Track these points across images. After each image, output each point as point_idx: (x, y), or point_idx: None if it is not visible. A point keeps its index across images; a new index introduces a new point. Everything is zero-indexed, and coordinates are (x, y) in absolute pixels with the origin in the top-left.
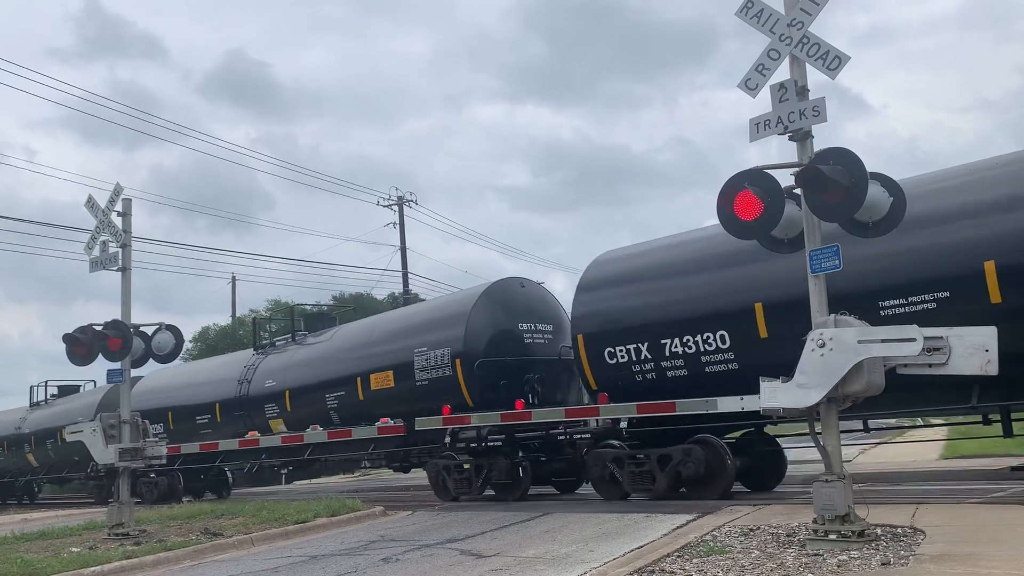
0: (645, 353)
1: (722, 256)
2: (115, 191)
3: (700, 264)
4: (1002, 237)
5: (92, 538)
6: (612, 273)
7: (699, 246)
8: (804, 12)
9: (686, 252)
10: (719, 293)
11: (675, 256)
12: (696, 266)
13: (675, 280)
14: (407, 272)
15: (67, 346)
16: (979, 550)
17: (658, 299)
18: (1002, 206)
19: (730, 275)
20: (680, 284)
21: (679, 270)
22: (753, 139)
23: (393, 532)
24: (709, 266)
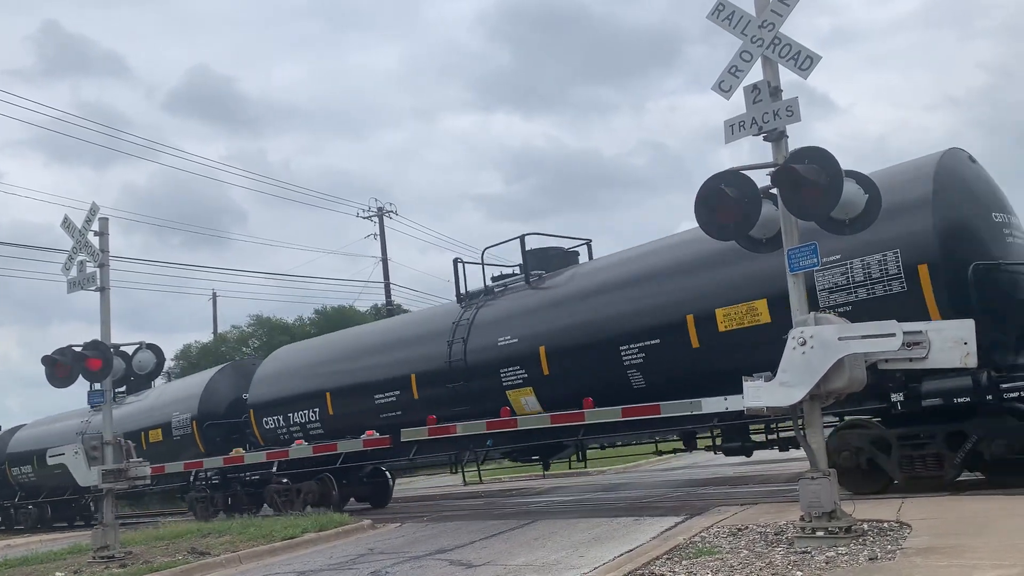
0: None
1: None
2: (91, 210)
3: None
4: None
5: (77, 562)
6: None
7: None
8: (775, 13)
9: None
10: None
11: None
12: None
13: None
14: (389, 283)
15: (47, 368)
16: (965, 542)
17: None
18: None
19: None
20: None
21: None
22: (728, 140)
23: (382, 545)
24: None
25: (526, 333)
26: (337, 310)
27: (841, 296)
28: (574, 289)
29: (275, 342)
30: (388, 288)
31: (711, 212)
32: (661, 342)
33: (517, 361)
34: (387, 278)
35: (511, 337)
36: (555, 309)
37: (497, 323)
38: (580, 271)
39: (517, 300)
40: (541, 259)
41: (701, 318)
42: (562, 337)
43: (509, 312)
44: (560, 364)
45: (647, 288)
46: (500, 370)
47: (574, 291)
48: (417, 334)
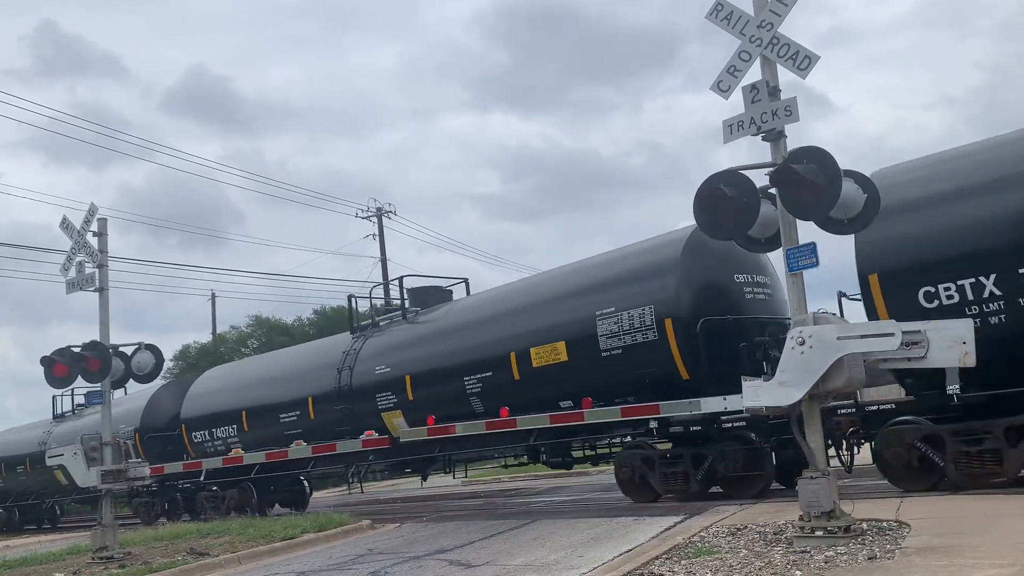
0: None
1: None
2: (90, 211)
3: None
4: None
5: (76, 563)
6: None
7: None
8: (773, 13)
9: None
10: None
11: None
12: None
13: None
14: (388, 283)
15: (45, 369)
16: (963, 541)
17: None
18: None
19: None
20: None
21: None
22: (727, 140)
23: (381, 545)
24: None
25: (396, 363)
26: (336, 310)
27: (615, 341)
28: (435, 326)
29: (274, 342)
30: (387, 288)
31: (710, 212)
32: (492, 374)
33: (389, 387)
34: (386, 278)
35: (385, 366)
36: (420, 343)
37: (376, 354)
38: (451, 308)
39: (394, 334)
40: (421, 296)
41: (520, 355)
42: (423, 367)
43: (387, 344)
44: (421, 390)
45: (484, 329)
46: (376, 395)
47: (435, 328)
48: (314, 363)
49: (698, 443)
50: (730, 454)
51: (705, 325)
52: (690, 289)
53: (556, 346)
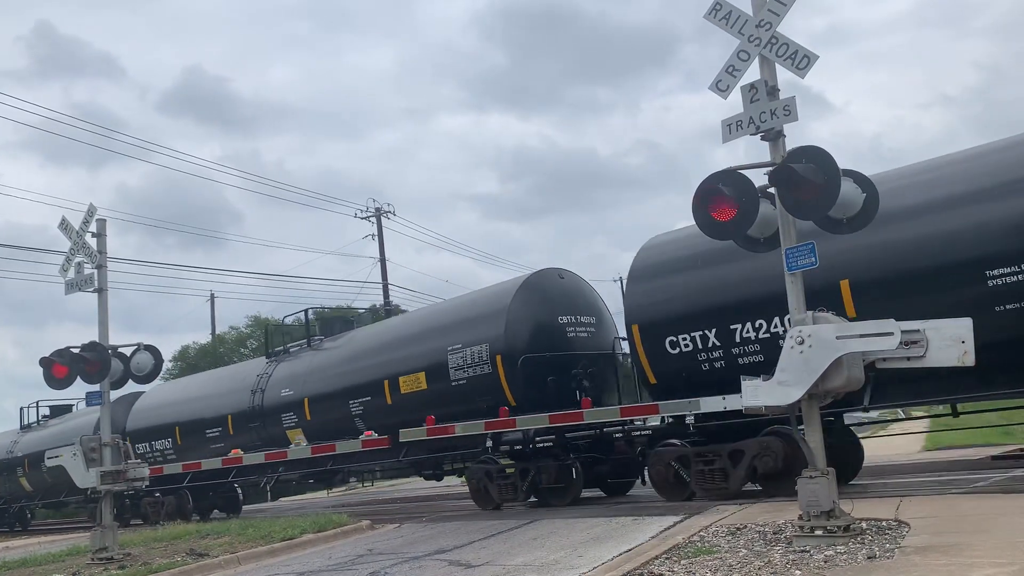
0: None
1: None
2: (89, 212)
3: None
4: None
5: (75, 564)
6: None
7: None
8: (772, 13)
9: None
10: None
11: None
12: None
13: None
14: (388, 283)
15: (44, 370)
16: (963, 540)
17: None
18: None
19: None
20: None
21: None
22: (726, 140)
23: (381, 546)
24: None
25: (298, 387)
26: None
27: (462, 372)
28: (331, 355)
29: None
30: (386, 288)
31: (709, 212)
32: (371, 399)
33: (292, 408)
34: (385, 278)
35: (289, 390)
36: (318, 370)
37: (284, 378)
38: (347, 338)
39: (299, 361)
40: (327, 325)
41: (392, 383)
42: (319, 391)
43: (292, 370)
44: (317, 411)
45: (366, 359)
46: (281, 415)
47: (330, 357)
48: (235, 385)
49: (526, 459)
50: (545, 468)
51: (526, 360)
52: (516, 330)
53: (418, 375)
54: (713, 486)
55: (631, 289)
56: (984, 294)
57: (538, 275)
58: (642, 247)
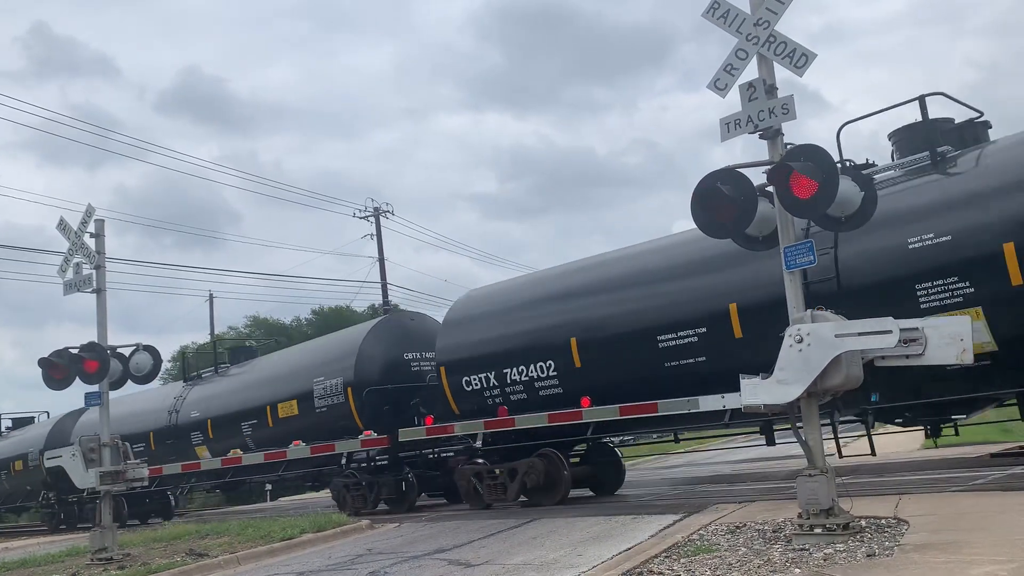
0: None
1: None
2: (87, 212)
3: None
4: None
5: (75, 564)
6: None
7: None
8: (770, 11)
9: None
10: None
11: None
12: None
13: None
14: (387, 283)
15: (43, 371)
16: (962, 538)
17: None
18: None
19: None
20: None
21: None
22: (724, 139)
23: (380, 545)
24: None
25: (204, 409)
26: (334, 310)
27: (323, 400)
28: (232, 382)
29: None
30: (385, 288)
31: (707, 211)
32: (257, 421)
33: (199, 428)
34: (384, 278)
35: (197, 411)
36: (220, 395)
37: (194, 401)
38: (247, 366)
39: (207, 386)
40: (235, 354)
41: (272, 408)
42: (219, 413)
43: (201, 394)
44: (218, 430)
45: (255, 387)
46: (191, 432)
47: (231, 384)
48: (156, 405)
49: (373, 473)
50: (386, 482)
51: (370, 391)
52: (365, 366)
53: (292, 403)
54: (497, 496)
55: (441, 336)
56: None
57: (391, 317)
58: (455, 301)
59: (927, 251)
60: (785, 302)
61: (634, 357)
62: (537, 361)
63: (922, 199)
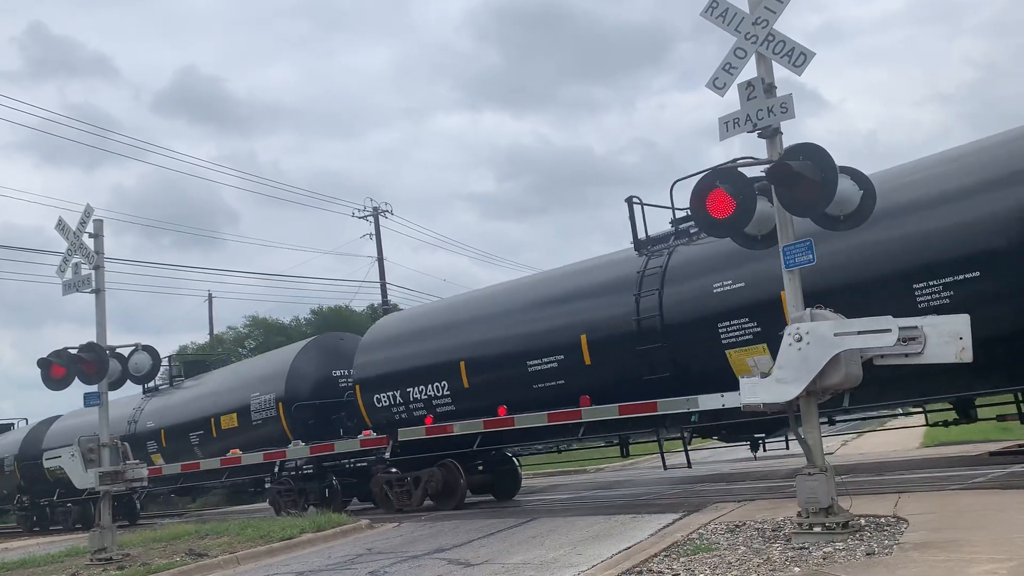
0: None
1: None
2: (86, 212)
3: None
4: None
5: (74, 564)
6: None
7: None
8: (768, 10)
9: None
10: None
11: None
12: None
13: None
14: (386, 283)
15: (42, 371)
16: (961, 536)
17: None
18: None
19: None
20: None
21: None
22: (723, 137)
23: (380, 545)
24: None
25: (159, 419)
26: (334, 310)
27: (259, 414)
28: (183, 395)
29: (271, 343)
30: (384, 288)
31: (707, 209)
32: (204, 432)
33: (153, 437)
34: (383, 277)
35: (152, 422)
36: (173, 407)
37: (152, 411)
38: (196, 381)
39: (163, 397)
40: (191, 367)
41: (216, 420)
42: (171, 423)
43: (157, 405)
44: (171, 439)
45: (203, 399)
46: (147, 441)
47: (183, 396)
48: (117, 414)
49: (303, 480)
50: (312, 490)
51: (298, 406)
52: (295, 383)
53: (232, 415)
54: (404, 502)
55: (357, 357)
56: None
57: (322, 337)
58: (371, 327)
59: (727, 295)
60: (617, 338)
61: (510, 379)
62: (434, 381)
63: (724, 250)
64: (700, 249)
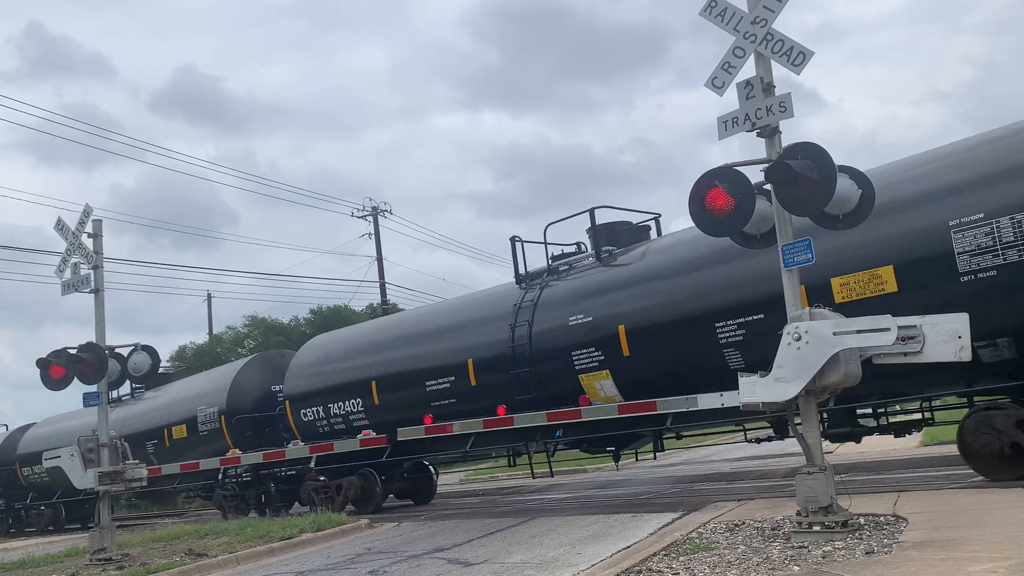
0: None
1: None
2: (85, 212)
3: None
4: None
5: (74, 565)
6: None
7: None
8: (767, 9)
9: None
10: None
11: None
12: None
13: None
14: (385, 282)
15: (41, 371)
16: (961, 535)
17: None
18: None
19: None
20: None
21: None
22: (722, 137)
23: (379, 544)
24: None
25: (119, 428)
26: (333, 310)
27: (206, 425)
28: (142, 406)
29: (270, 343)
30: (383, 287)
31: (705, 209)
32: (158, 441)
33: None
34: (382, 277)
35: (115, 431)
36: (133, 417)
37: (115, 421)
38: (160, 391)
39: (126, 407)
40: (153, 379)
41: (168, 431)
42: (133, 431)
43: (120, 415)
44: (131, 448)
45: (153, 412)
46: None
47: (141, 407)
48: (83, 423)
49: (245, 487)
50: (251, 495)
51: (238, 419)
52: (236, 398)
53: (183, 426)
54: (327, 507)
55: (287, 375)
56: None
57: (263, 354)
58: (301, 347)
59: (579, 327)
60: (496, 362)
61: (412, 397)
62: (351, 398)
63: (581, 286)
64: (564, 285)
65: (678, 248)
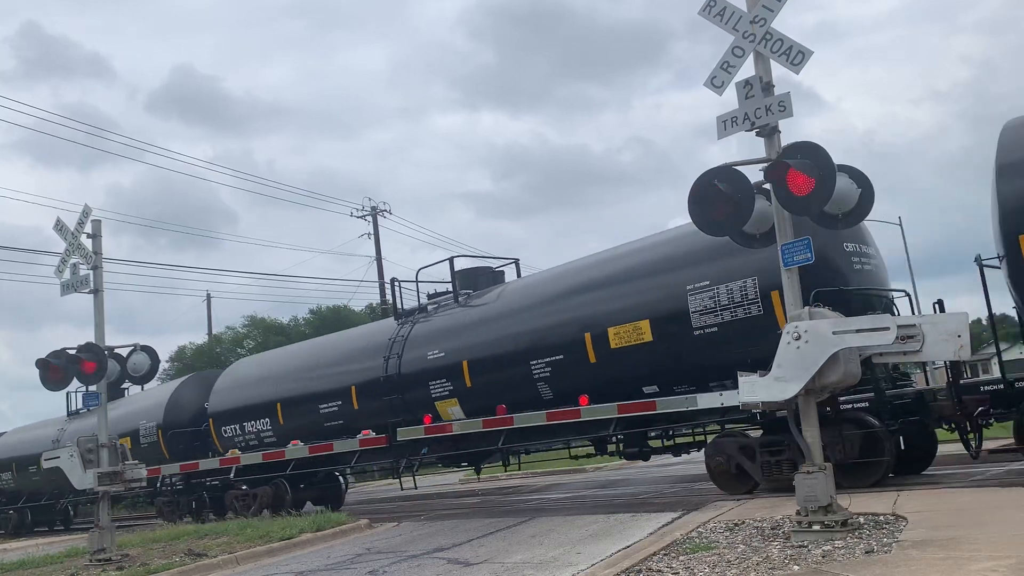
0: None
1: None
2: (84, 212)
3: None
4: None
5: (74, 565)
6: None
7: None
8: (766, 8)
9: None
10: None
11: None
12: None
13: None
14: (384, 282)
15: (41, 371)
16: (960, 534)
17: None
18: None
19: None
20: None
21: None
22: (721, 136)
23: (379, 544)
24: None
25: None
26: (332, 310)
27: (146, 438)
28: (96, 421)
29: (270, 343)
30: (383, 287)
31: (705, 208)
32: (134, 444)
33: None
34: (382, 277)
35: (72, 443)
36: (84, 430)
37: (70, 433)
38: (115, 404)
39: (81, 421)
40: (117, 393)
41: (133, 438)
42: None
43: (76, 427)
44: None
45: (130, 415)
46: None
47: (94, 422)
48: (44, 434)
49: (179, 494)
50: (184, 502)
51: (172, 433)
52: (173, 413)
53: (127, 438)
54: (246, 512)
55: (211, 395)
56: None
57: (198, 374)
58: (225, 370)
59: (436, 361)
60: (374, 388)
61: (309, 417)
62: (261, 418)
63: (438, 325)
64: (429, 324)
65: (512, 294)
